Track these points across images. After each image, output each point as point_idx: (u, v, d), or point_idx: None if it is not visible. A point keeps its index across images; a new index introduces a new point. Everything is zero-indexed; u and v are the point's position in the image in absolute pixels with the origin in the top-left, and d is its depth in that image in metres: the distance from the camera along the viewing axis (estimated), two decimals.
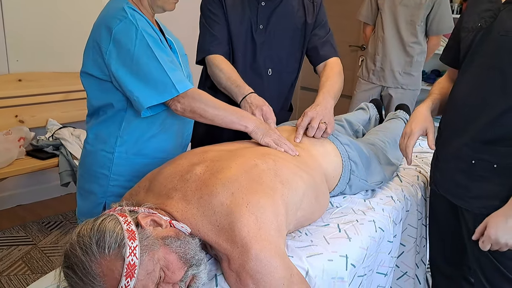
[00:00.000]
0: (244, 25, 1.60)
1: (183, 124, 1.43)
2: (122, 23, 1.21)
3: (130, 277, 0.85)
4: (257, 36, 1.61)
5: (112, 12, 1.24)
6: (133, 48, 1.21)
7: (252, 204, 1.00)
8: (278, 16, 1.62)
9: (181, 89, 1.23)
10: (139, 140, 1.34)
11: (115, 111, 1.31)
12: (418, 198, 1.59)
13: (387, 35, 2.85)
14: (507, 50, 1.15)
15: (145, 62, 1.22)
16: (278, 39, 1.64)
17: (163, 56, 1.23)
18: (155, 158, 1.37)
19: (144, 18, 1.26)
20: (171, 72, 1.23)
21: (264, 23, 1.60)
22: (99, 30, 1.24)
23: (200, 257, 0.97)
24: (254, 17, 1.60)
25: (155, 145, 1.37)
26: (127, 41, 1.21)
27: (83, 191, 1.43)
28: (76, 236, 0.88)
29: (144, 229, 0.92)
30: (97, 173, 1.35)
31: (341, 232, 1.23)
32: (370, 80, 3.03)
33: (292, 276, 0.96)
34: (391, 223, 1.38)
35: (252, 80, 1.58)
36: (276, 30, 1.62)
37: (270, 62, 1.65)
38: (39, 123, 2.75)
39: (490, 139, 1.22)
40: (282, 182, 1.12)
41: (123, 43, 1.21)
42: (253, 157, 1.16)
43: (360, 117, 2.05)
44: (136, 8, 1.26)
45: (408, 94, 2.93)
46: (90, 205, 1.40)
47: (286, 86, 1.74)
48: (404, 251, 1.58)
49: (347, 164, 1.43)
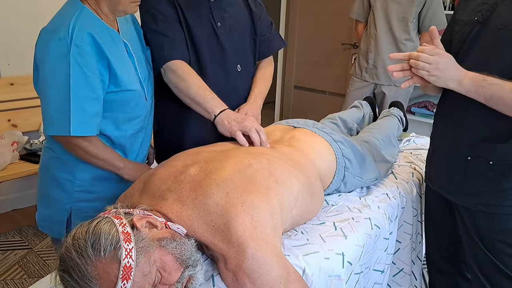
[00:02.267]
0: (205, 27, 1.50)
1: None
2: (57, 42, 1.16)
3: (126, 279, 0.84)
4: (220, 34, 1.52)
5: (58, 23, 1.21)
6: (50, 69, 1.19)
7: (247, 204, 1.00)
8: (229, 9, 1.54)
9: (75, 132, 1.19)
10: None
11: None
12: (413, 195, 1.60)
13: (379, 33, 2.86)
14: (504, 43, 1.15)
15: (54, 91, 1.19)
16: (237, 33, 1.56)
17: (80, 91, 1.18)
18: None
19: (97, 25, 1.22)
20: (76, 112, 1.18)
21: (221, 20, 1.52)
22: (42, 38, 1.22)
23: (196, 258, 0.97)
24: (210, 16, 1.50)
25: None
26: (50, 61, 1.18)
27: (45, 198, 1.40)
28: (71, 239, 0.88)
29: (140, 231, 0.92)
30: (62, 179, 1.33)
31: (337, 230, 1.23)
32: (363, 78, 3.04)
33: (289, 275, 0.97)
34: (387, 220, 1.38)
35: (223, 80, 1.54)
36: (233, 24, 1.55)
37: (237, 58, 1.58)
38: (32, 127, 2.74)
39: (486, 136, 1.22)
40: (277, 181, 1.12)
41: (47, 61, 1.19)
42: (247, 157, 1.16)
43: (354, 115, 2.05)
44: (93, 12, 1.23)
45: (402, 91, 2.93)
46: (54, 211, 1.37)
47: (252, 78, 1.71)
48: (400, 248, 1.59)
49: (341, 161, 1.43)
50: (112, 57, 1.24)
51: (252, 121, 1.36)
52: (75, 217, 1.36)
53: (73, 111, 1.18)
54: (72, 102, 1.17)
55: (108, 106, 1.28)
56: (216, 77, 1.51)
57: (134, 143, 1.43)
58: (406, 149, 1.98)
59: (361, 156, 1.52)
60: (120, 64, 1.26)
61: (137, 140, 1.43)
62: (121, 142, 1.37)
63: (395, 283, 1.62)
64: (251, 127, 1.33)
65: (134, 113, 1.36)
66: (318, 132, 1.47)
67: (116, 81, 1.26)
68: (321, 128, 1.50)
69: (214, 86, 1.46)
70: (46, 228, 1.44)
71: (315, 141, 1.42)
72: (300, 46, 4.29)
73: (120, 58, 1.28)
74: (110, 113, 1.30)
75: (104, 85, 1.24)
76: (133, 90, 1.31)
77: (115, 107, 1.30)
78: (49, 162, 1.37)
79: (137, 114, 1.37)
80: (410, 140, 2.08)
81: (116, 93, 1.28)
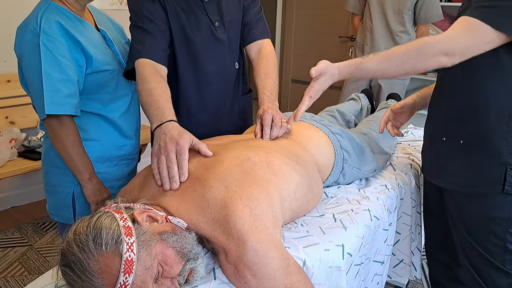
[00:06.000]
0: (203, 31, 1.46)
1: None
2: (29, 35, 1.26)
3: (128, 273, 0.85)
4: (220, 35, 1.49)
5: (28, 19, 1.31)
6: (27, 62, 1.28)
7: (246, 197, 1.00)
8: (223, 4, 1.50)
9: (48, 111, 1.26)
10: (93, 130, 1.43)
11: None
12: (412, 186, 1.60)
13: (375, 25, 2.86)
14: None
15: (33, 78, 1.27)
16: (232, 27, 1.52)
17: (51, 73, 1.26)
18: (109, 143, 1.46)
19: (67, 17, 1.32)
20: (49, 93, 1.26)
21: (218, 19, 1.48)
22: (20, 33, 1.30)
23: (197, 251, 0.97)
24: (206, 18, 1.46)
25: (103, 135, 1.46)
26: (26, 54, 1.28)
27: (49, 186, 1.47)
28: (72, 234, 0.88)
29: (141, 225, 0.92)
30: (61, 163, 1.38)
31: (337, 222, 1.24)
32: None
33: (289, 266, 0.97)
34: (386, 211, 1.39)
35: (222, 84, 1.53)
36: (230, 20, 1.51)
37: (235, 56, 1.56)
38: (30, 123, 2.74)
39: (460, 116, 1.23)
40: (275, 174, 1.12)
41: (24, 55, 1.29)
42: (245, 150, 1.16)
43: (352, 108, 2.06)
44: (60, 5, 1.33)
45: (397, 83, 2.94)
46: (59, 197, 1.44)
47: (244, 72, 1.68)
48: (399, 239, 1.60)
49: (340, 153, 1.43)
50: (84, 41, 1.32)
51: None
52: (79, 200, 1.42)
53: (46, 91, 1.25)
54: (44, 83, 1.25)
55: (90, 88, 1.37)
56: (215, 78, 1.50)
57: (130, 126, 1.52)
58: (404, 140, 1.98)
59: (359, 147, 1.53)
60: (93, 47, 1.35)
61: (131, 122, 1.52)
62: (115, 121, 1.46)
63: (395, 274, 1.63)
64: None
65: (117, 92, 1.44)
66: (316, 124, 1.48)
67: (92, 62, 1.34)
68: (318, 121, 1.51)
69: (216, 87, 1.46)
70: (56, 216, 1.49)
71: (313, 134, 1.42)
72: (297, 40, 4.29)
73: (94, 41, 1.37)
74: (96, 95, 1.39)
75: (81, 69, 1.32)
76: (108, 70, 1.39)
77: (97, 88, 1.39)
78: (48, 150, 1.43)
79: (120, 94, 1.46)
80: (408, 132, 2.09)
81: (94, 74, 1.36)
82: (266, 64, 1.51)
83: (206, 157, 1.13)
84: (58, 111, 1.28)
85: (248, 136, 1.36)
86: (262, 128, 1.33)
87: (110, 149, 1.48)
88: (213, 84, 1.51)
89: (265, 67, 1.50)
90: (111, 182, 1.48)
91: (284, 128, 1.34)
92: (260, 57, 1.55)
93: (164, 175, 1.08)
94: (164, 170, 1.09)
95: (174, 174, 1.08)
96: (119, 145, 1.50)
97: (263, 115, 1.35)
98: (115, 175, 1.51)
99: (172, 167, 1.08)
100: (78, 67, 1.32)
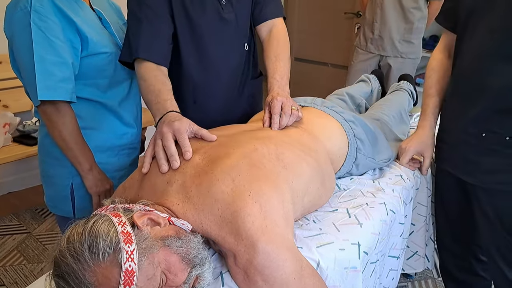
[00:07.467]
0: (208, 11, 1.34)
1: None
2: (19, 13, 1.17)
3: (129, 285, 0.77)
4: (226, 15, 1.37)
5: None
6: (18, 43, 1.19)
7: (255, 192, 0.92)
8: None
9: (41, 96, 1.18)
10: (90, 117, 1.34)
11: None
12: (427, 175, 1.51)
13: (386, 1, 2.71)
14: None
15: (25, 61, 1.18)
16: (241, 6, 1.40)
17: (44, 55, 1.17)
18: (109, 132, 1.38)
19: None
20: (42, 76, 1.17)
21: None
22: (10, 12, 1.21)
23: (203, 256, 0.89)
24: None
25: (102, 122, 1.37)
26: (16, 35, 1.19)
27: (46, 177, 1.39)
28: (65, 242, 0.80)
29: (141, 230, 0.83)
30: (57, 153, 1.31)
31: (351, 218, 1.16)
32: (368, 49, 2.91)
33: (303, 269, 0.90)
34: (402, 203, 1.31)
35: (230, 68, 1.42)
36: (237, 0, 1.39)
37: (244, 37, 1.44)
38: (24, 107, 2.62)
39: (502, 109, 1.14)
40: (286, 167, 1.03)
41: (15, 35, 1.20)
42: (253, 141, 1.07)
43: (362, 90, 1.95)
44: None
45: (408, 63, 2.82)
46: (57, 189, 1.37)
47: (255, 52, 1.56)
48: (414, 231, 1.53)
49: (353, 142, 1.34)
50: (79, 21, 1.23)
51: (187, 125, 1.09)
52: (78, 191, 1.35)
53: (38, 75, 1.16)
54: (37, 66, 1.16)
55: (87, 72, 1.27)
56: (222, 62, 1.40)
57: (130, 113, 1.42)
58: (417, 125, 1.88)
59: (373, 135, 1.43)
60: (89, 27, 1.25)
61: (132, 109, 1.43)
62: (115, 108, 1.36)
63: (409, 266, 1.57)
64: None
65: (115, 77, 1.34)
66: (328, 111, 1.38)
67: (88, 44, 1.25)
68: (330, 107, 1.40)
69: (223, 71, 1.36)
70: (54, 208, 1.43)
71: (325, 122, 1.33)
72: (300, 16, 4.13)
73: (89, 22, 1.27)
74: (93, 80, 1.30)
75: (76, 51, 1.23)
76: (106, 52, 1.29)
77: (94, 72, 1.29)
78: (44, 138, 1.35)
79: (118, 78, 1.35)
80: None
81: (91, 57, 1.26)
82: (277, 46, 1.40)
83: (212, 149, 1.03)
84: (52, 96, 1.19)
85: (256, 126, 1.26)
86: (271, 117, 1.24)
87: (110, 138, 1.40)
88: (220, 68, 1.40)
89: (276, 49, 1.39)
90: (112, 172, 1.40)
91: (294, 116, 1.24)
92: (271, 38, 1.43)
93: (160, 156, 1.01)
94: (160, 152, 1.02)
95: (172, 153, 1.00)
96: (120, 134, 1.42)
97: (271, 102, 1.25)
98: (116, 166, 1.43)
99: (169, 146, 1.01)
100: (72, 49, 1.22)
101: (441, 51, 1.43)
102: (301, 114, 1.26)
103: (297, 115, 1.25)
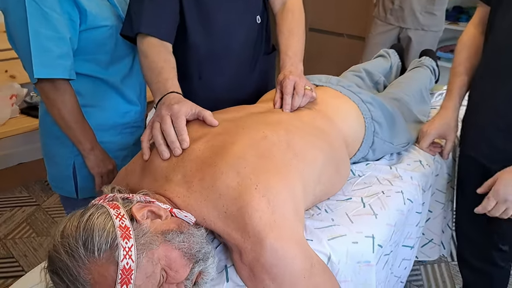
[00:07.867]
0: None
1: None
2: None
3: (126, 284, 0.72)
4: None
5: None
6: (13, 16, 1.13)
7: (262, 185, 0.85)
8: None
9: (38, 74, 1.11)
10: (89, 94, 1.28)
11: None
12: (448, 159, 1.43)
13: None
14: None
15: (20, 35, 1.12)
16: None
17: (40, 30, 1.10)
18: (111, 110, 1.33)
19: None
20: (37, 52, 1.10)
21: None
22: None
23: (207, 250, 0.84)
24: None
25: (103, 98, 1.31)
26: (11, 7, 1.12)
27: (49, 157, 1.37)
28: (59, 236, 0.75)
29: (140, 224, 0.78)
30: (59, 132, 1.26)
31: (366, 208, 1.09)
32: (388, 20, 2.76)
33: (313, 266, 0.84)
34: (420, 191, 1.23)
35: (241, 42, 1.33)
36: None
37: (256, 9, 1.34)
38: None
39: None
40: (297, 155, 0.96)
41: (9, 7, 1.13)
42: (262, 128, 0.99)
43: (380, 66, 1.84)
44: None
45: (429, 36, 2.67)
46: (59, 168, 1.34)
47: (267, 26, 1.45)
48: (430, 218, 1.46)
49: (370, 126, 1.26)
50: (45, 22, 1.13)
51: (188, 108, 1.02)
52: (80, 171, 1.31)
53: (34, 51, 1.10)
54: (32, 41, 1.09)
55: (86, 47, 1.21)
56: (231, 36, 1.30)
57: (133, 90, 1.36)
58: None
59: (392, 117, 1.34)
60: (55, 30, 1.15)
61: (134, 85, 1.37)
62: (117, 85, 1.31)
63: (423, 254, 1.50)
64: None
65: (117, 53, 1.28)
66: (344, 91, 1.29)
67: (86, 17, 1.17)
68: (347, 87, 1.31)
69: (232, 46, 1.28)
70: (57, 188, 1.40)
71: (341, 104, 1.24)
72: None
73: (57, 25, 1.15)
74: (93, 55, 1.23)
75: (74, 24, 1.16)
76: (106, 26, 1.22)
77: (94, 47, 1.23)
78: (44, 116, 1.30)
79: (120, 54, 1.29)
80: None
81: (90, 31, 1.19)
82: (291, 20, 1.30)
83: (216, 137, 0.96)
84: (49, 74, 1.13)
85: (266, 107, 1.18)
86: (282, 97, 1.15)
87: (112, 116, 1.34)
88: (229, 42, 1.31)
89: (290, 23, 1.29)
90: (114, 152, 1.35)
91: (307, 97, 1.16)
92: (284, 10, 1.33)
93: (160, 142, 0.95)
94: (159, 135, 0.95)
95: (173, 139, 0.93)
96: (122, 112, 1.36)
97: (283, 81, 1.16)
98: (119, 144, 1.38)
99: (168, 131, 0.94)
100: (70, 23, 1.15)
101: (475, 26, 1.32)
102: (315, 95, 1.18)
103: (311, 95, 1.16)
